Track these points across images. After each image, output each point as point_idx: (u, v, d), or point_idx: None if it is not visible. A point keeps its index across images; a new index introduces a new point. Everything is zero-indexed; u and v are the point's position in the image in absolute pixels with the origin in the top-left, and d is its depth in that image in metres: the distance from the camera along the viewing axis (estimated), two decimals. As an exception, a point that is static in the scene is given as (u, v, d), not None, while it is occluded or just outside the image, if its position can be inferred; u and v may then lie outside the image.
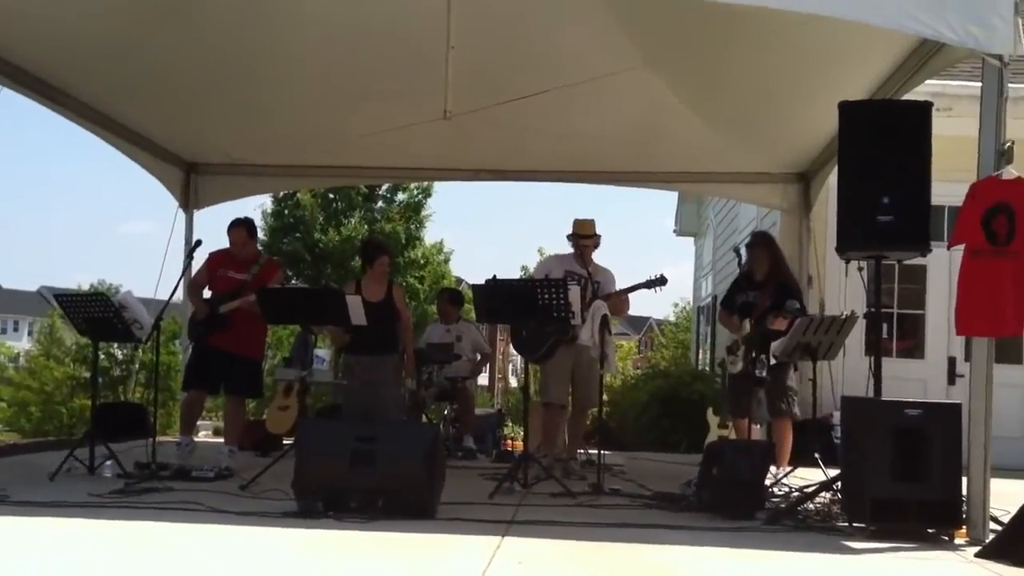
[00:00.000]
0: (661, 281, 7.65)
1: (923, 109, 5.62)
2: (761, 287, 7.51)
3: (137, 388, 12.33)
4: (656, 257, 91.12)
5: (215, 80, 8.33)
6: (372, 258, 8.29)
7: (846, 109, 5.73)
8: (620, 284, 7.89)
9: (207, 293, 7.68)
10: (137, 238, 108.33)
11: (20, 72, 7.70)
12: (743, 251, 7.68)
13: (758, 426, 7.62)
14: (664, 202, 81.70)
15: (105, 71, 8.00)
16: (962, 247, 5.35)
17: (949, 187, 6.01)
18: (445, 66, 7.33)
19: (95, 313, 6.98)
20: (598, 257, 8.01)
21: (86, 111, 8.78)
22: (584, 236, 7.91)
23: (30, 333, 53.70)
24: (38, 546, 4.47)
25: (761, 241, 7.76)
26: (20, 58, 7.58)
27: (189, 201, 10.61)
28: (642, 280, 7.71)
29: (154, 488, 6.19)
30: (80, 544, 4.54)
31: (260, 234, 22.86)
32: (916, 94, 6.78)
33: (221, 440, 8.00)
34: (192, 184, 10.70)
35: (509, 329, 8.26)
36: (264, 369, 8.93)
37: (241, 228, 7.74)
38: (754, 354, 7.10)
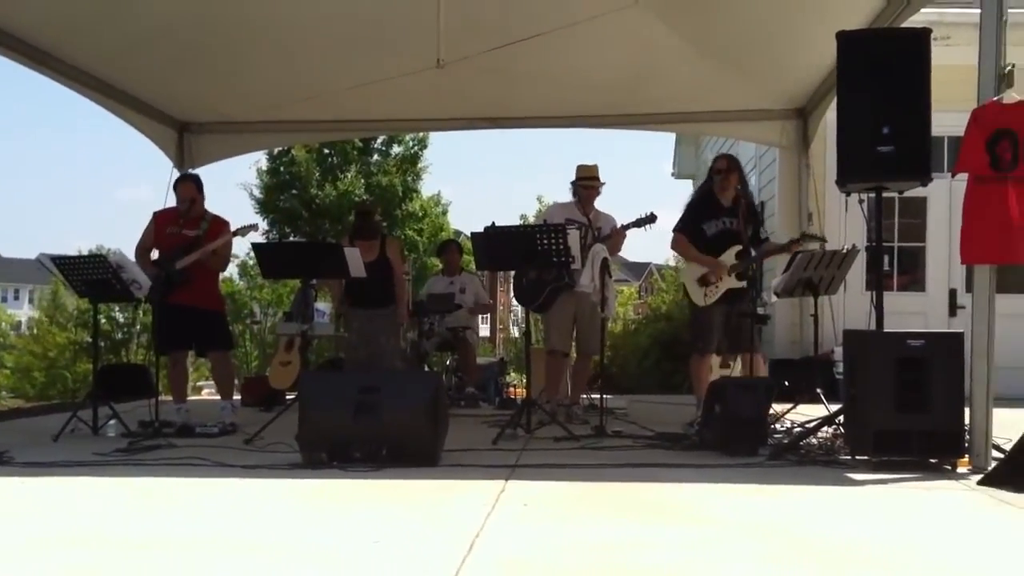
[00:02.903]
0: (651, 219, 7.55)
1: (922, 36, 5.52)
2: (734, 212, 7.17)
3: (139, 349, 12.33)
4: (655, 201, 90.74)
5: (205, 37, 8.24)
6: (359, 230, 8.32)
7: (844, 39, 5.64)
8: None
9: (155, 255, 7.56)
10: (133, 202, 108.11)
11: (5, 36, 7.62)
12: (716, 179, 7.31)
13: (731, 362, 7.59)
14: (662, 146, 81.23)
15: (92, 32, 7.93)
16: (965, 175, 5.30)
17: (949, 117, 5.95)
18: (437, 13, 7.25)
19: (94, 275, 6.95)
20: (600, 203, 7.97)
21: (75, 73, 8.71)
22: (587, 179, 7.85)
23: (30, 301, 53.75)
24: (44, 504, 4.47)
25: (735, 165, 7.39)
26: (5, 22, 7.49)
27: (184, 161, 10.55)
28: (632, 219, 7.65)
29: (158, 445, 6.20)
30: (86, 501, 4.54)
31: (256, 192, 23.08)
32: (913, 23, 6.70)
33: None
34: (186, 144, 10.65)
35: (512, 281, 8.22)
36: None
37: (189, 183, 7.67)
38: (755, 289, 7.02)
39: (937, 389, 5.10)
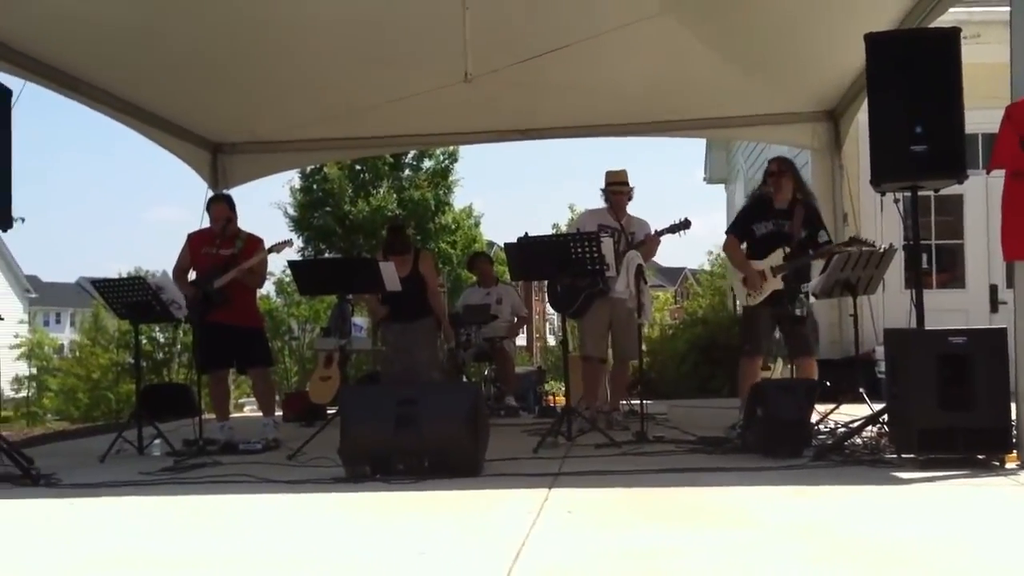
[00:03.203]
0: (685, 224, 7.52)
1: (951, 35, 5.49)
2: (788, 215, 7.14)
3: (180, 369, 12.46)
4: (688, 207, 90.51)
5: (235, 59, 8.34)
6: (391, 246, 8.35)
7: (872, 41, 5.63)
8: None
9: (192, 276, 7.64)
10: (168, 223, 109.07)
11: (40, 65, 7.77)
12: (768, 181, 7.26)
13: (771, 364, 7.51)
14: (692, 151, 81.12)
15: (124, 57, 8.05)
16: (1002, 172, 5.26)
17: (982, 114, 5.90)
18: (463, 27, 7.29)
19: (134, 297, 7.04)
20: (632, 210, 7.96)
21: (108, 99, 8.85)
22: (616, 184, 7.84)
23: (72, 324, 54.36)
24: (92, 525, 4.53)
25: (787, 167, 7.34)
26: (38, 51, 7.64)
27: (218, 181, 10.67)
28: (666, 225, 7.63)
29: (203, 463, 6.26)
30: (133, 520, 4.59)
31: (290, 210, 23.21)
32: (942, 22, 6.68)
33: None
34: (219, 164, 10.78)
35: (546, 288, 8.24)
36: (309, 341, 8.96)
37: (222, 203, 7.76)
38: (798, 290, 6.98)
39: (981, 385, 5.06)
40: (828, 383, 7.04)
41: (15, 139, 5.97)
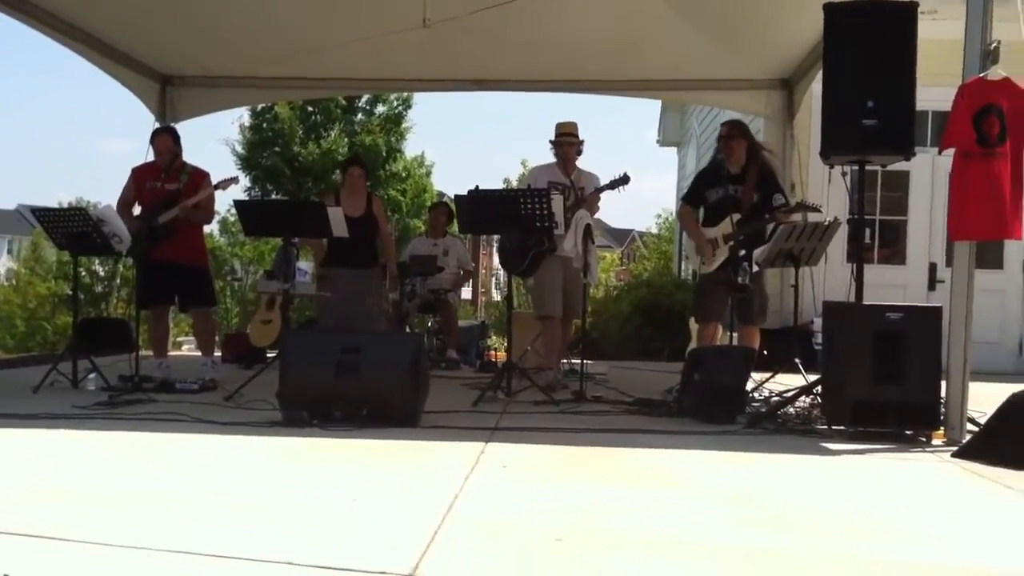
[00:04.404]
0: (624, 180, 7.42)
1: (908, 10, 5.53)
2: (740, 180, 7.10)
3: (119, 304, 12.29)
4: (639, 168, 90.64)
5: (190, -11, 8.14)
6: (344, 168, 8.36)
7: (831, 11, 5.64)
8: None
9: (137, 210, 7.53)
10: (117, 155, 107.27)
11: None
12: (719, 145, 7.25)
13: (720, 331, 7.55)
14: (647, 113, 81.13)
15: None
16: (952, 152, 5.32)
17: (934, 91, 5.97)
18: (423, -29, 7.20)
19: (74, 228, 6.93)
20: (582, 164, 7.89)
21: (57, 22, 8.57)
22: (565, 135, 7.71)
23: (9, 251, 53.33)
24: (22, 457, 4.47)
25: (740, 131, 7.27)
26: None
27: (166, 115, 10.45)
28: (606, 182, 7.58)
29: (138, 400, 6.22)
30: (66, 454, 4.55)
31: (239, 148, 22.90)
32: (902, -4, 6.69)
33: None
34: (168, 98, 10.53)
35: (496, 247, 8.17)
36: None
37: (166, 135, 7.64)
38: (741, 258, 7.01)
39: (914, 362, 5.16)
40: (765, 352, 7.11)
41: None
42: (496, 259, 9.03)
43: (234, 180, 7.62)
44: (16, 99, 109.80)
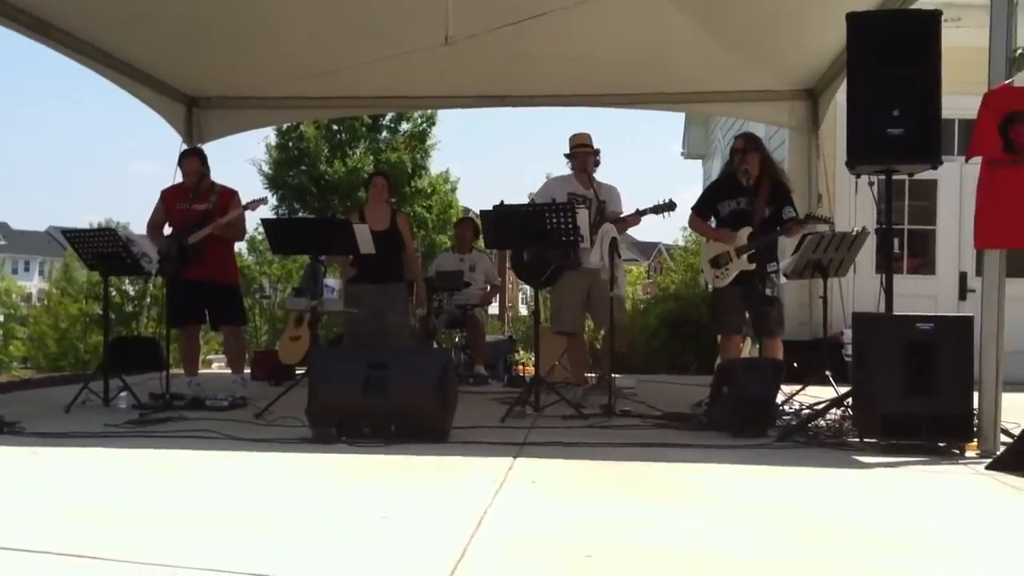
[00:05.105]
0: (670, 206, 7.35)
1: (932, 18, 5.51)
2: (753, 192, 7.05)
3: (149, 323, 12.39)
4: (664, 181, 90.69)
5: (214, 11, 8.23)
6: (367, 181, 8.41)
7: (854, 21, 5.62)
8: (627, 206, 7.73)
9: (167, 231, 7.58)
10: (144, 177, 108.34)
11: (6, 5, 7.59)
12: (733, 159, 7.19)
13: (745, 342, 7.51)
14: (671, 125, 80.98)
15: (95, 2, 7.89)
16: (979, 159, 5.28)
17: (960, 99, 5.92)
18: (445, -11, 7.24)
19: (104, 248, 7.00)
20: (602, 180, 7.80)
21: (82, 46, 8.69)
22: (580, 146, 7.62)
23: (41, 272, 53.87)
24: (54, 475, 4.50)
25: (754, 144, 7.23)
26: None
27: (193, 136, 10.56)
28: (651, 205, 7.54)
29: (169, 418, 6.26)
30: (97, 472, 4.58)
31: (265, 167, 23.07)
32: (924, 5, 6.67)
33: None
34: (195, 119, 10.65)
35: (509, 257, 8.13)
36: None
37: (194, 157, 7.72)
38: (768, 270, 6.98)
39: (946, 373, 5.10)
40: (795, 364, 7.07)
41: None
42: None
43: (263, 201, 7.71)
44: (45, 123, 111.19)
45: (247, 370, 8.67)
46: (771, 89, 9.92)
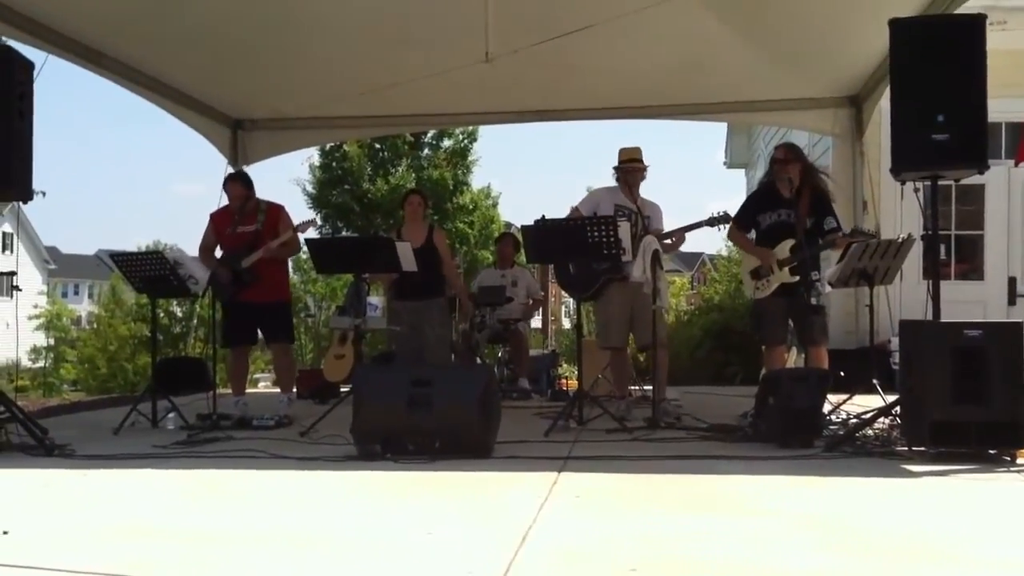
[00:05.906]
0: (724, 219, 7.30)
1: (977, 22, 5.43)
2: (794, 204, 6.96)
3: (196, 343, 12.53)
4: (707, 191, 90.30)
5: (257, 35, 8.33)
6: (403, 200, 8.50)
7: (897, 26, 5.57)
8: (672, 221, 7.66)
9: (219, 253, 7.68)
10: (189, 199, 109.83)
11: (61, 37, 7.77)
12: (774, 169, 7.14)
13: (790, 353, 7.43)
14: (714, 135, 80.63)
15: (146, 30, 8.05)
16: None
17: (1006, 103, 5.85)
18: (484, 7, 7.28)
19: (152, 271, 7.10)
20: (646, 191, 7.74)
21: (129, 72, 8.86)
22: (631, 161, 7.56)
23: (90, 296, 54.66)
24: (104, 496, 4.56)
25: (795, 154, 7.17)
26: (60, 23, 7.65)
27: (238, 158, 10.69)
28: (704, 218, 7.45)
29: (216, 438, 6.31)
30: (146, 493, 4.63)
31: (309, 187, 23.26)
32: (968, 9, 6.59)
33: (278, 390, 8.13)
34: (239, 141, 10.79)
35: (553, 269, 8.11)
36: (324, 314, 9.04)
37: (237, 182, 7.80)
38: (812, 279, 6.90)
39: (995, 379, 5.03)
40: (842, 373, 6.99)
41: (36, 112, 6.02)
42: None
43: (312, 223, 7.84)
44: (92, 148, 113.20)
45: (293, 388, 8.74)
46: (814, 97, 9.85)
